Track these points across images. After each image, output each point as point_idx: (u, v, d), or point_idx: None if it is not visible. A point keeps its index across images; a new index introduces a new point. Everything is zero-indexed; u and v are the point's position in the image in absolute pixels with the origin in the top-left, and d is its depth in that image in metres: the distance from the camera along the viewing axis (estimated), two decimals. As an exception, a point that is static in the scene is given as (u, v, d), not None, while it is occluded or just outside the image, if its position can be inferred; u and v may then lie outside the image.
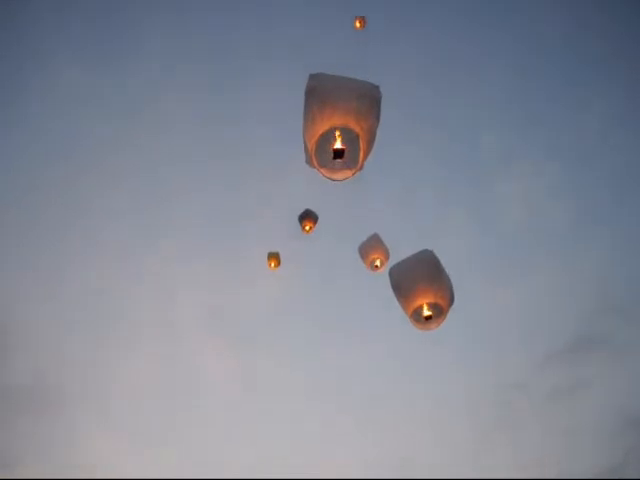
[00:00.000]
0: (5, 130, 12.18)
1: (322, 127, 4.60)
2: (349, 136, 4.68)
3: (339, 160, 4.82)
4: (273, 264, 9.65)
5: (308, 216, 9.24)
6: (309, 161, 4.95)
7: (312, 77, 4.69)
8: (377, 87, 4.71)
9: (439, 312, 6.85)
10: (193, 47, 12.53)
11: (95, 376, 12.04)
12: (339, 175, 4.95)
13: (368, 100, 4.59)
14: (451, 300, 6.92)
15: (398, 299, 6.92)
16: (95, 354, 12.10)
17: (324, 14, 12.11)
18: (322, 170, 4.91)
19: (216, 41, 12.73)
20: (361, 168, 4.93)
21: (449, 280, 6.93)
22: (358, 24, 9.74)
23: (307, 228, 9.22)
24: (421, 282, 6.76)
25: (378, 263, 8.97)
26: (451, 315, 6.93)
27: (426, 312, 6.79)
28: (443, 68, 12.49)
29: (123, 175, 12.54)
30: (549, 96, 12.78)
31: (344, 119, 4.56)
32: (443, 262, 6.86)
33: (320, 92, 4.58)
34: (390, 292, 6.95)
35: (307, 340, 12.58)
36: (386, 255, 8.90)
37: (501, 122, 12.95)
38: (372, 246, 8.98)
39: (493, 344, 12.59)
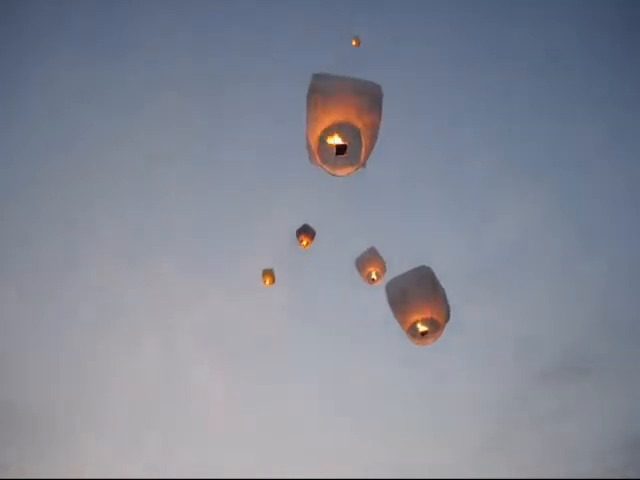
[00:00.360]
0: (4, 124, 12.07)
1: (324, 123, 4.67)
2: (351, 132, 4.76)
3: (341, 156, 4.86)
4: (268, 281, 9.81)
5: (306, 231, 9.36)
6: (312, 158, 5.02)
7: (315, 76, 4.78)
8: (379, 86, 4.81)
9: (435, 328, 6.77)
10: (194, 43, 12.50)
11: (94, 378, 12.01)
12: (341, 171, 5.00)
13: (369, 97, 4.70)
14: (447, 316, 6.87)
15: (395, 314, 6.88)
16: (94, 357, 12.06)
17: (324, 17, 12.14)
18: (324, 166, 4.96)
19: (217, 38, 12.69)
20: (363, 164, 4.99)
21: (445, 296, 6.86)
22: (354, 42, 10.19)
23: (304, 243, 9.32)
24: (417, 298, 6.69)
25: (374, 276, 8.97)
26: (447, 331, 6.85)
27: (422, 328, 6.73)
28: (438, 79, 12.50)
29: (123, 171, 12.47)
30: (546, 108, 12.70)
31: (345, 115, 4.64)
32: (439, 277, 6.78)
33: (323, 90, 4.67)
34: (387, 306, 6.89)
35: (304, 353, 12.51)
36: (383, 267, 8.92)
37: (498, 134, 12.93)
38: (369, 259, 9.01)
39: (487, 362, 12.52)
